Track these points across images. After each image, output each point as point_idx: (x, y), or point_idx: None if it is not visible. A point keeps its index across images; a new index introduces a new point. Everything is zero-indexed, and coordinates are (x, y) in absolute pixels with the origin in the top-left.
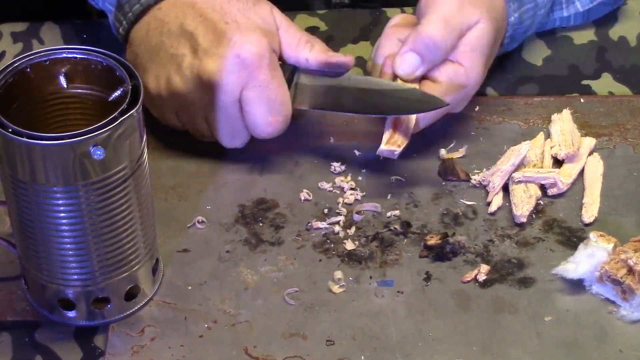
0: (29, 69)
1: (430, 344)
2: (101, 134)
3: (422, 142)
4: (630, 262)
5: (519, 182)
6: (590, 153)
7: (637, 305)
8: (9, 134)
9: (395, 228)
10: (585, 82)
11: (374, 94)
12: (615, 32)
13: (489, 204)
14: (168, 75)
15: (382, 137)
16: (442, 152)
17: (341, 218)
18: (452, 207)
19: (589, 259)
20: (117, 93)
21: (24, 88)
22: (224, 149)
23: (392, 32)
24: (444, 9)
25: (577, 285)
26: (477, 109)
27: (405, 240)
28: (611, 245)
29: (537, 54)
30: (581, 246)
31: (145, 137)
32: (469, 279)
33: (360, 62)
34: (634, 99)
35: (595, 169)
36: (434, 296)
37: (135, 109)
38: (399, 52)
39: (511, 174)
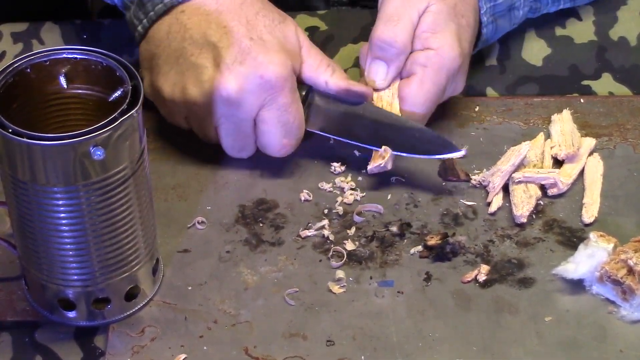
0: (29, 69)
1: (431, 344)
2: (101, 134)
3: None
4: (631, 263)
5: (519, 182)
6: (591, 153)
7: (637, 305)
8: (9, 134)
9: (395, 228)
10: (585, 82)
11: (389, 128)
12: (615, 32)
13: (489, 204)
14: (185, 84)
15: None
16: None
17: (325, 222)
18: (452, 208)
19: (589, 259)
20: (117, 93)
21: (24, 88)
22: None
23: (364, 50)
24: (389, 7)
25: (577, 286)
26: (477, 109)
27: (406, 240)
28: (611, 246)
29: (537, 54)
30: (581, 246)
31: (145, 137)
32: (469, 279)
33: None
34: (634, 99)
35: (595, 169)
36: (434, 296)
37: (135, 109)
38: (365, 68)
39: (511, 174)
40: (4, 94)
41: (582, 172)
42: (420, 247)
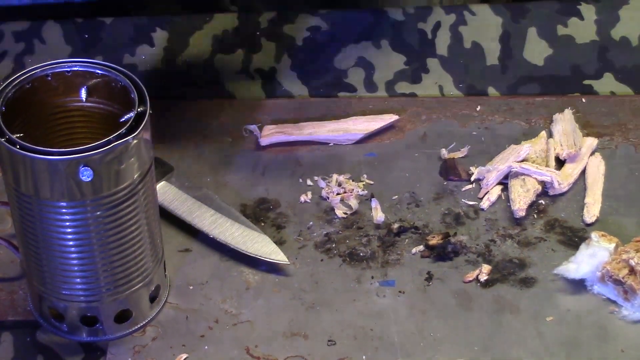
0: (49, 77)
1: (432, 343)
2: (90, 155)
3: (423, 142)
4: (632, 262)
5: (517, 173)
6: (592, 153)
7: (639, 305)
8: (14, 148)
9: (397, 228)
10: (587, 82)
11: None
12: (617, 32)
13: (481, 198)
14: None
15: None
16: (444, 151)
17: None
18: (454, 207)
19: (590, 259)
20: (130, 115)
21: (38, 99)
22: (225, 149)
23: None
24: None
25: (578, 285)
26: (478, 108)
27: (407, 240)
28: (613, 245)
29: (539, 54)
30: (583, 246)
31: (151, 155)
32: (470, 279)
33: (361, 62)
34: (635, 98)
35: (596, 168)
36: (436, 296)
37: (132, 136)
38: None
39: (507, 173)
40: (18, 99)
41: (583, 172)
42: (421, 247)
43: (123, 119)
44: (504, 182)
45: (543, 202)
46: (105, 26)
